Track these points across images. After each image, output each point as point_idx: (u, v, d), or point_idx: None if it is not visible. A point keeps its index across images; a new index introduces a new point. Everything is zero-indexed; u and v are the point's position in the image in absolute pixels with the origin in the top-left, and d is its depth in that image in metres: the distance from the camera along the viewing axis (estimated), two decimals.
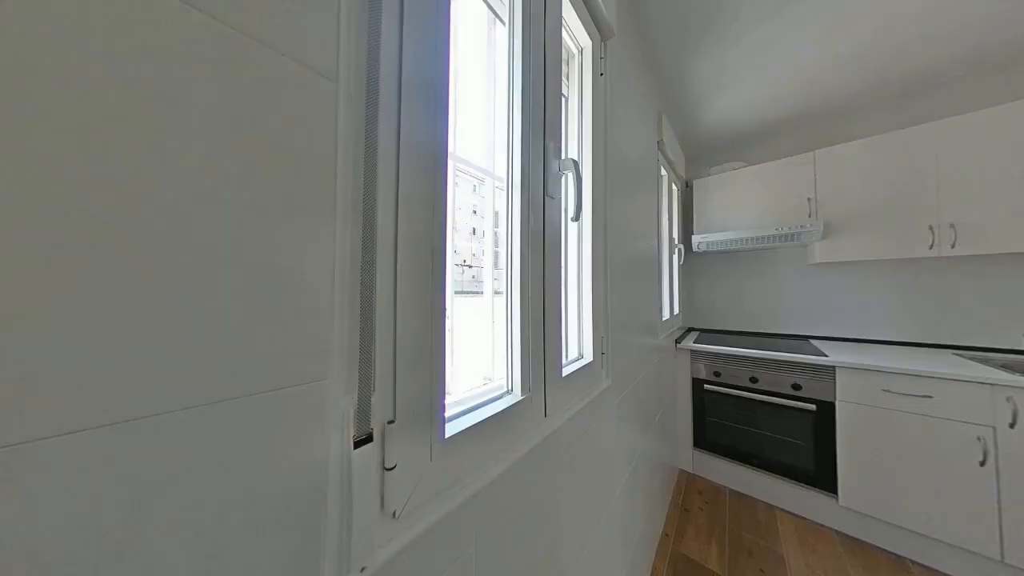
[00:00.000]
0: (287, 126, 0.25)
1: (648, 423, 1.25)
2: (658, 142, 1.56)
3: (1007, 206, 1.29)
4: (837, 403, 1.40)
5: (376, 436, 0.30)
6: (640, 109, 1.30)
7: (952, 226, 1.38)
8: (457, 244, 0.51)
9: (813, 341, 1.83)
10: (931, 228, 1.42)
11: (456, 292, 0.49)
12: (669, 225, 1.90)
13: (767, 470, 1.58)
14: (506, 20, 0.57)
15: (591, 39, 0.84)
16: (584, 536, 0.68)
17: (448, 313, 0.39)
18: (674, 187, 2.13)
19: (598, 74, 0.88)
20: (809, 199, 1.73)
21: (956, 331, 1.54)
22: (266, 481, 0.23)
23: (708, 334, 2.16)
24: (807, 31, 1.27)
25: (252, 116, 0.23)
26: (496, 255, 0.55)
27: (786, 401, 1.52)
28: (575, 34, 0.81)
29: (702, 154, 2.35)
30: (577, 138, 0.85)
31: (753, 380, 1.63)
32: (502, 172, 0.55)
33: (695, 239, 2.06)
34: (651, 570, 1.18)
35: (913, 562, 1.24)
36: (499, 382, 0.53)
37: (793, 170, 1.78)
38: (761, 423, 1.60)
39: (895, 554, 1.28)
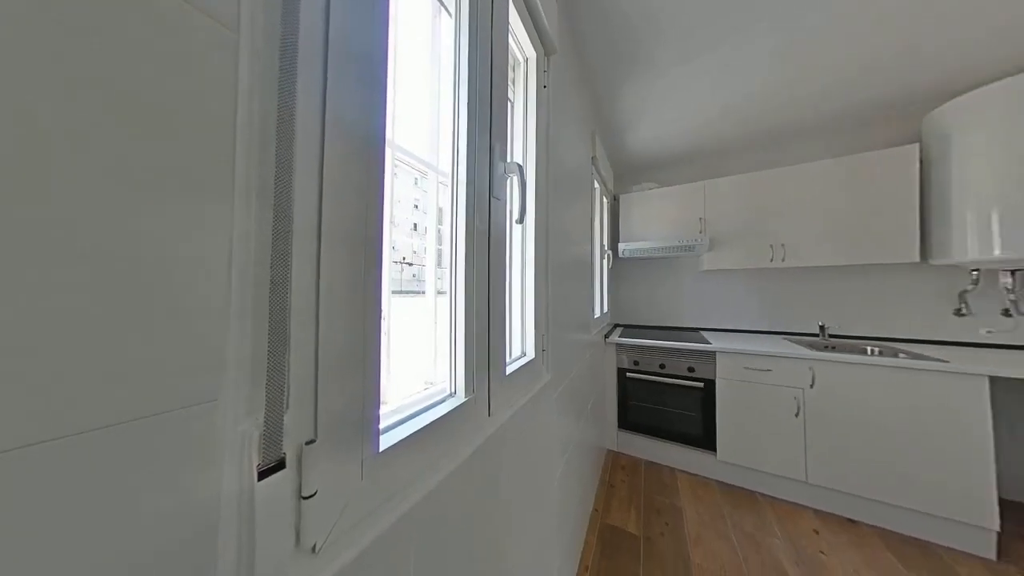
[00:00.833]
0: (164, 78, 0.19)
1: (582, 412, 1.35)
2: (592, 158, 1.71)
3: (813, 233, 1.80)
4: (717, 380, 1.75)
5: (290, 461, 0.25)
6: (578, 126, 1.40)
7: (783, 245, 1.86)
8: (396, 240, 0.47)
9: (702, 332, 2.24)
10: (771, 246, 1.89)
11: (395, 291, 0.44)
12: (600, 233, 2.10)
13: (671, 440, 1.87)
14: (452, 11, 0.55)
15: (536, 51, 0.87)
16: (525, 525, 0.70)
17: (384, 314, 0.35)
18: (604, 199, 2.36)
19: (542, 86, 0.92)
20: (701, 219, 2.12)
21: (786, 322, 2.08)
22: (133, 536, 0.17)
23: (630, 329, 2.46)
24: (703, 83, 1.54)
25: (111, 56, 0.17)
26: (440, 253, 0.52)
27: (684, 381, 1.83)
28: (521, 43, 0.83)
29: (627, 172, 2.66)
30: (522, 145, 0.87)
31: (662, 366, 1.91)
32: (447, 167, 0.53)
33: (621, 246, 2.33)
34: (583, 545, 1.29)
35: (761, 494, 1.63)
36: (442, 385, 0.51)
37: (690, 195, 2.16)
38: (667, 401, 1.89)
39: (749, 490, 1.65)
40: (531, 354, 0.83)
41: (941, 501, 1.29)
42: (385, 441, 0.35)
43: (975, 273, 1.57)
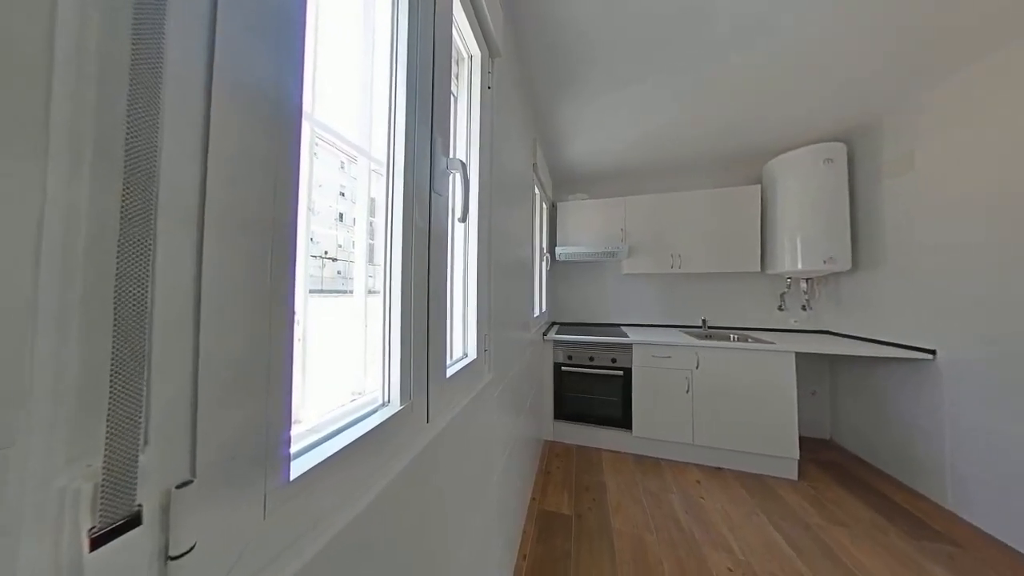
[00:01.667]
0: None
1: (521, 407, 1.40)
2: (533, 164, 1.78)
3: (698, 247, 2.25)
4: (633, 368, 2.02)
5: (150, 514, 0.19)
6: (520, 132, 1.44)
7: (679, 255, 2.28)
8: (317, 231, 0.40)
9: (623, 327, 2.56)
10: (671, 255, 2.30)
11: (313, 291, 0.38)
12: (540, 236, 2.21)
13: (597, 424, 2.08)
14: None
15: (480, 50, 0.86)
16: (467, 527, 0.68)
17: (298, 318, 0.29)
18: (544, 205, 2.49)
19: (486, 87, 0.91)
20: (622, 229, 2.43)
21: (680, 316, 2.53)
22: None
23: (566, 326, 2.65)
24: (626, 112, 1.75)
25: None
26: (371, 248, 0.46)
27: (608, 371, 2.06)
28: (465, 38, 0.81)
29: (564, 182, 2.86)
30: (466, 143, 0.85)
31: (591, 359, 2.12)
32: (381, 155, 0.48)
33: (558, 250, 2.49)
34: (522, 534, 1.33)
35: (664, 460, 1.94)
36: (373, 394, 0.46)
37: (614, 208, 2.45)
38: (595, 390, 2.10)
39: (655, 458, 1.95)
40: (473, 355, 0.81)
41: (768, 443, 1.74)
42: (299, 467, 0.30)
43: (788, 280, 2.22)
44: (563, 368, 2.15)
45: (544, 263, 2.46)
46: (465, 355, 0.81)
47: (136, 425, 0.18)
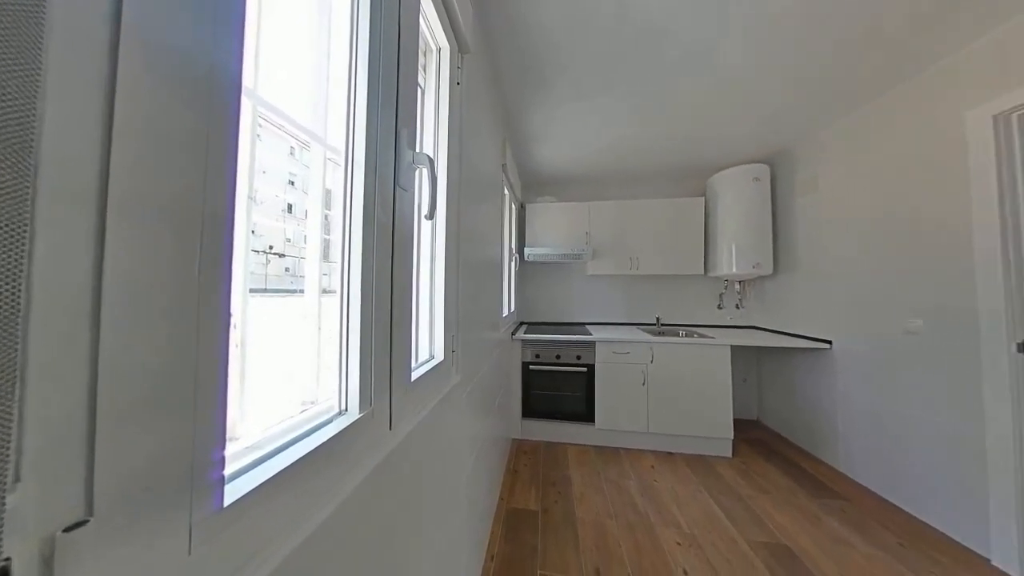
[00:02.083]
0: None
1: (490, 408, 1.39)
2: (503, 165, 1.78)
3: (653, 251, 2.45)
4: (596, 364, 2.12)
5: (24, 566, 0.15)
6: (490, 131, 1.43)
7: (637, 258, 2.46)
8: (259, 223, 0.36)
9: (587, 326, 2.69)
10: (630, 258, 2.47)
11: (255, 290, 0.33)
12: (509, 237, 2.22)
13: (563, 419, 2.14)
14: None
15: (449, 44, 0.84)
16: (433, 535, 0.66)
17: (235, 321, 0.26)
18: (513, 206, 2.50)
19: (455, 82, 0.89)
20: (587, 232, 2.54)
21: (638, 315, 2.72)
22: None
23: (534, 326, 2.69)
24: (592, 121, 1.83)
25: None
26: (327, 244, 0.43)
27: (573, 368, 2.14)
28: (434, 29, 0.78)
29: (533, 184, 2.90)
30: (433, 138, 0.82)
31: (558, 357, 2.18)
32: (339, 143, 0.44)
33: (526, 250, 2.52)
34: (489, 535, 1.32)
35: (622, 449, 2.07)
36: (328, 403, 0.42)
37: (579, 212, 2.56)
38: (561, 387, 2.16)
39: (615, 447, 2.07)
40: (440, 356, 0.79)
41: (709, 426, 1.96)
42: (236, 491, 0.26)
43: (725, 282, 2.53)
44: (531, 367, 2.18)
45: (513, 263, 2.48)
46: (432, 357, 0.78)
47: (2, 458, 0.14)
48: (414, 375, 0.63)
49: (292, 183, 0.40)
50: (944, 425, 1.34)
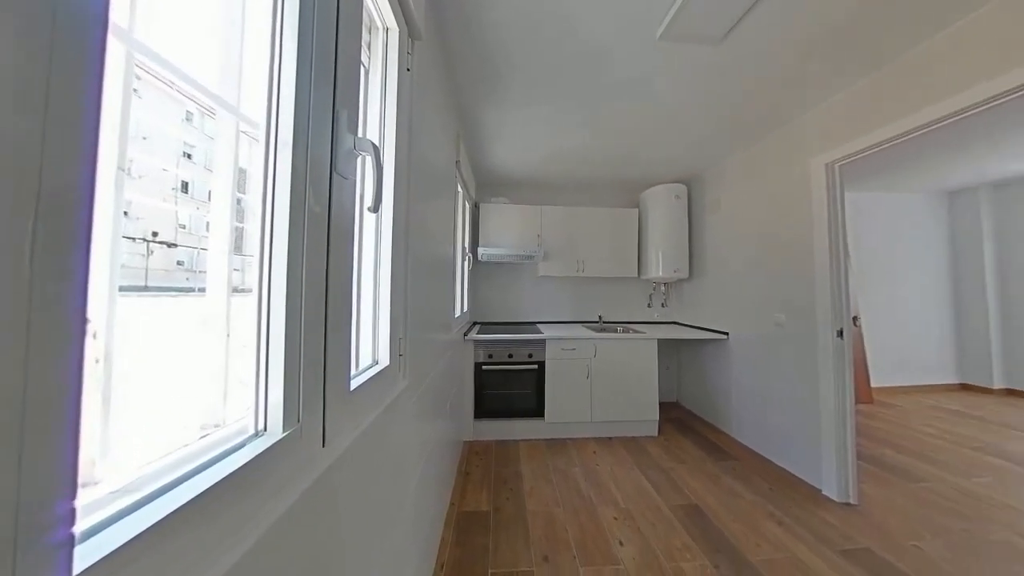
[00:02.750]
0: None
1: (441, 412, 1.34)
2: (456, 161, 1.74)
3: (596, 255, 2.67)
4: (546, 361, 2.22)
5: None
6: (442, 125, 1.38)
7: (583, 261, 2.66)
8: (136, 202, 0.28)
9: (538, 324, 2.79)
10: (577, 261, 2.65)
11: (129, 288, 0.26)
12: (463, 236, 2.18)
13: (515, 417, 2.19)
14: None
15: (398, 25, 0.78)
16: (374, 552, 0.60)
17: (95, 328, 0.20)
18: (466, 204, 2.46)
19: (405, 69, 0.83)
20: (538, 235, 2.64)
21: (583, 313, 2.93)
22: None
23: (487, 326, 2.68)
24: (544, 128, 1.90)
25: None
26: (240, 234, 0.36)
27: (525, 366, 2.20)
28: (380, 7, 0.72)
29: (487, 184, 2.90)
30: (379, 125, 0.76)
31: (510, 356, 2.21)
32: (259, 116, 0.37)
33: (480, 250, 2.50)
34: (439, 542, 1.27)
35: (569, 439, 2.20)
36: (239, 424, 0.35)
37: (532, 214, 2.64)
38: (513, 385, 2.20)
39: (563, 439, 2.19)
40: (385, 361, 0.73)
41: (640, 410, 2.22)
42: (95, 551, 0.20)
43: (654, 284, 2.92)
44: (484, 367, 2.17)
45: (467, 263, 2.44)
46: (376, 362, 0.72)
47: None
48: (354, 383, 0.57)
49: (189, 156, 0.32)
50: (795, 393, 1.76)
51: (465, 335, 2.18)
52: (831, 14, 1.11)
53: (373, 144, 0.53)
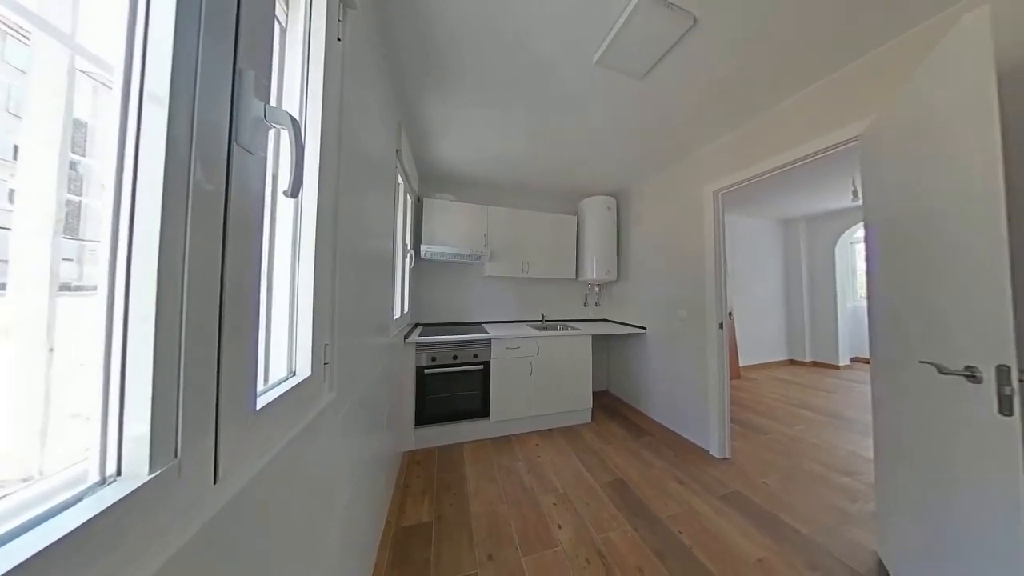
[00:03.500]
0: None
1: (376, 423, 1.22)
2: (397, 150, 1.61)
3: (540, 257, 2.80)
4: (492, 360, 2.22)
5: None
6: (382, 108, 1.26)
7: (528, 262, 2.76)
8: None
9: (484, 324, 2.78)
10: (522, 262, 2.74)
11: None
12: (404, 231, 2.03)
13: (460, 419, 2.14)
14: None
15: None
16: None
17: None
18: (408, 198, 2.31)
19: (335, 38, 0.73)
20: (485, 235, 2.64)
21: (527, 313, 3.04)
22: None
23: (430, 327, 2.56)
24: (491, 130, 1.90)
25: None
26: (75, 209, 0.26)
27: (471, 367, 2.17)
28: None
29: (432, 179, 2.76)
30: (301, 97, 0.65)
31: (455, 357, 2.15)
32: (114, 56, 0.28)
33: (423, 248, 2.37)
34: (373, 568, 1.15)
35: (514, 435, 2.26)
36: (72, 471, 0.26)
37: (478, 214, 2.62)
38: (458, 387, 2.15)
39: (508, 436, 2.23)
40: (306, 372, 0.63)
41: (576, 401, 2.41)
42: None
43: (589, 285, 3.23)
44: (426, 371, 2.07)
45: (408, 260, 2.29)
46: (293, 373, 0.62)
47: None
48: (262, 401, 0.47)
49: None
50: (691, 375, 2.16)
51: (406, 338, 2.04)
52: (718, 71, 1.38)
53: (291, 117, 0.45)
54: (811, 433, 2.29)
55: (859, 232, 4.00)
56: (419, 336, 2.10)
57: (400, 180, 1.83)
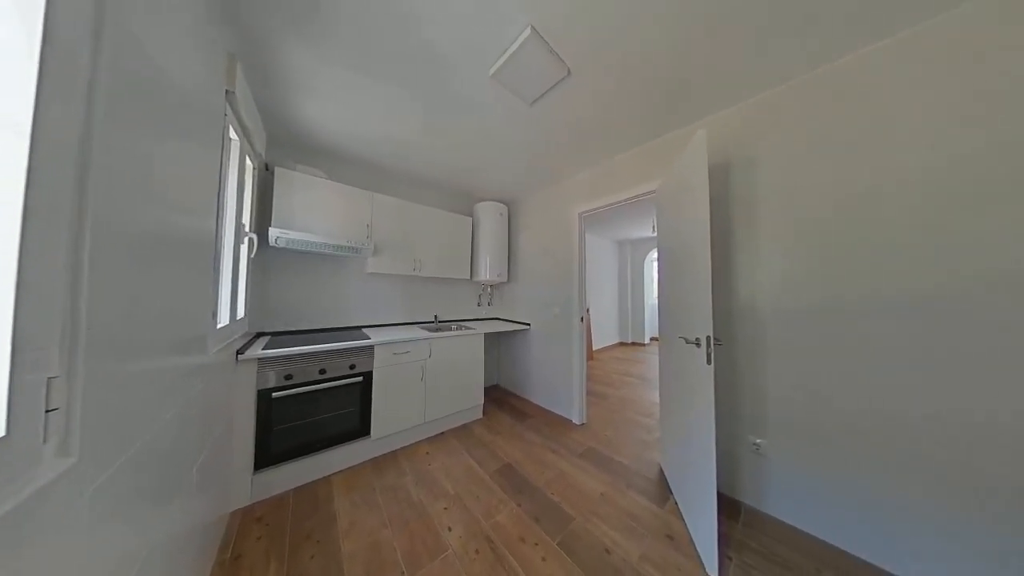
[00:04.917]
0: None
1: (176, 487, 0.84)
2: (228, 91, 1.18)
3: (433, 255, 2.70)
4: (374, 370, 1.93)
5: None
6: (196, 23, 0.89)
7: (420, 260, 2.60)
8: None
9: (364, 329, 2.40)
10: (414, 259, 2.56)
11: None
12: (239, 207, 1.49)
13: (326, 448, 1.74)
14: None
15: None
16: None
17: None
18: (250, 163, 1.72)
19: None
20: (367, 225, 2.28)
21: (419, 314, 2.88)
22: None
23: (282, 336, 1.98)
24: (377, 106, 1.64)
25: None
26: None
27: (345, 381, 1.81)
28: None
29: (290, 144, 2.14)
30: None
31: (322, 371, 1.74)
32: None
33: (274, 231, 1.80)
34: None
35: (399, 449, 2.05)
36: None
37: (360, 199, 2.24)
38: (324, 408, 1.74)
39: (393, 451, 2.01)
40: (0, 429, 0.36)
41: (468, 398, 2.45)
42: None
43: (482, 285, 3.41)
44: (274, 395, 1.59)
45: (249, 247, 1.72)
46: None
47: None
48: None
49: None
50: (561, 360, 2.63)
51: (240, 353, 1.51)
52: (585, 118, 1.74)
53: None
54: (632, 392, 3.25)
55: (654, 253, 6.43)
56: (263, 349, 1.59)
57: (232, 135, 1.35)
